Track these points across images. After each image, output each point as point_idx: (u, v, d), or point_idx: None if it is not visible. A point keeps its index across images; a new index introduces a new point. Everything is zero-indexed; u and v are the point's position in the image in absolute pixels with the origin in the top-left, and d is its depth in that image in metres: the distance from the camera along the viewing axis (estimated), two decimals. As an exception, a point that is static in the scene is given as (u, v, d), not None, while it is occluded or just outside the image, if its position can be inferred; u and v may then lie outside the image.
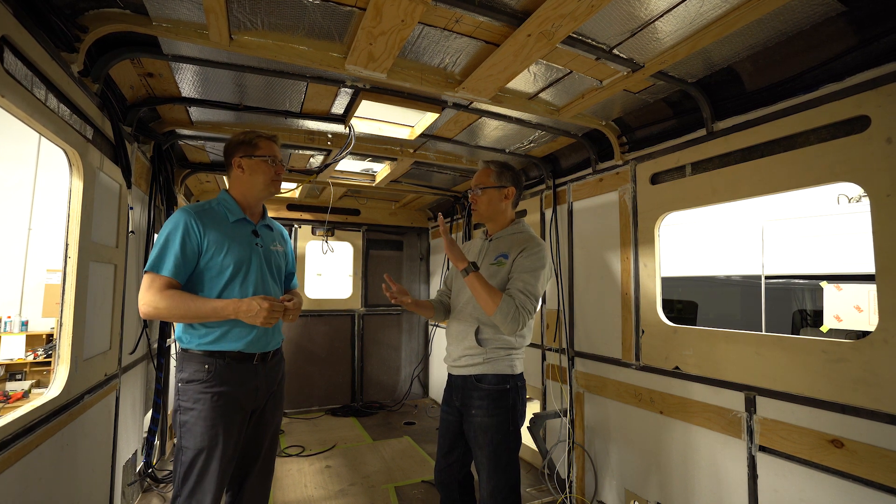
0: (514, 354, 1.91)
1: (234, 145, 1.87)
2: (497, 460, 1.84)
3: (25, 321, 7.06)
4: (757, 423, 1.90)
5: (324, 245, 4.90)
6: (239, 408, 1.76)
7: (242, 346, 1.77)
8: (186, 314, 1.65)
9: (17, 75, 1.35)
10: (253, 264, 1.82)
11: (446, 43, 1.84)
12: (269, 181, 1.88)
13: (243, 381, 1.77)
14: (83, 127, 1.80)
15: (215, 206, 1.86)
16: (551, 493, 2.95)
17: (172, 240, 1.68)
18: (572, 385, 2.97)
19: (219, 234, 1.76)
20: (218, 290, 1.75)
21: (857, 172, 1.63)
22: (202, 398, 1.69)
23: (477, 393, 1.88)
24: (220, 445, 1.68)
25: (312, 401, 4.96)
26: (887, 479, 1.50)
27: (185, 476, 1.67)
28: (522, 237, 1.97)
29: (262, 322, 1.66)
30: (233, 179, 1.90)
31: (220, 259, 1.74)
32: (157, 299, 1.63)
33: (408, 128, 2.90)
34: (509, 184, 2.01)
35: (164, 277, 1.65)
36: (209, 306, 1.66)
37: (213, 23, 1.63)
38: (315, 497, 2.92)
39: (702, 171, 2.21)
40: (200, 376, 1.71)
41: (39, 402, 1.55)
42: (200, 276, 1.74)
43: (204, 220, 1.75)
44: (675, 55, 1.82)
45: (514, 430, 1.87)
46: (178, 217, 1.73)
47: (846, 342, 1.65)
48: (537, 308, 1.85)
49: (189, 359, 1.73)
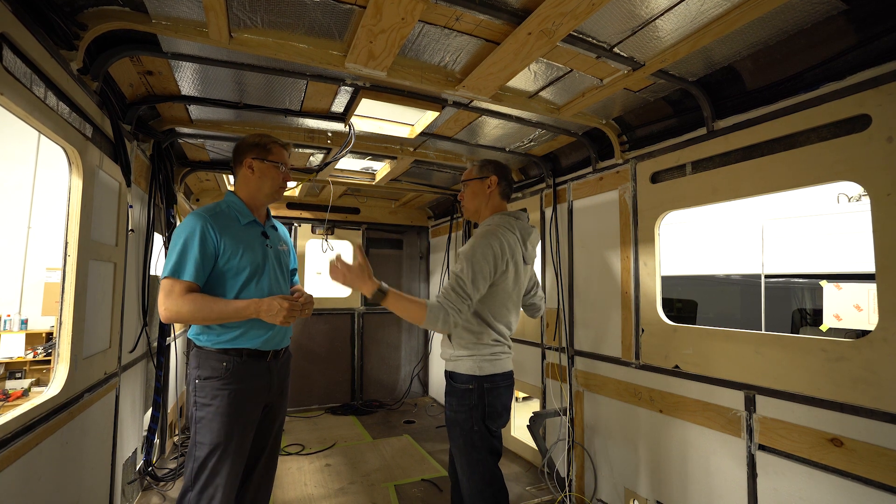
0: (481, 354, 1.89)
1: (248, 146, 1.91)
2: (465, 456, 1.89)
3: (25, 319, 7.05)
4: (756, 422, 1.90)
5: (324, 244, 4.90)
6: (255, 404, 1.83)
7: (259, 343, 1.83)
8: (209, 316, 1.69)
9: (17, 73, 1.35)
10: (267, 265, 1.88)
11: (446, 41, 1.83)
12: (276, 187, 1.93)
13: (258, 377, 1.83)
14: (82, 125, 1.79)
15: (225, 208, 1.88)
16: (551, 492, 2.95)
17: (190, 244, 1.71)
18: (572, 384, 2.97)
19: (233, 237, 1.80)
20: (236, 290, 1.79)
21: (857, 171, 1.63)
22: (220, 395, 1.74)
23: (449, 388, 1.95)
24: (234, 441, 1.74)
25: (312, 399, 4.97)
26: (886, 478, 1.50)
27: (198, 470, 1.71)
28: (480, 230, 1.94)
29: (281, 321, 1.71)
30: (240, 179, 1.93)
31: (237, 261, 1.79)
32: (179, 304, 1.66)
33: (408, 126, 2.90)
34: (490, 173, 2.02)
35: (184, 282, 1.69)
36: (231, 307, 1.71)
37: (213, 21, 1.62)
38: (315, 495, 2.92)
39: (702, 169, 2.21)
40: (218, 373, 1.76)
41: (39, 401, 1.55)
42: (220, 279, 1.79)
43: (219, 224, 1.78)
44: (675, 54, 1.82)
45: (479, 430, 1.87)
46: (194, 221, 1.75)
47: (846, 341, 1.65)
48: (474, 295, 1.77)
49: (206, 357, 1.78)
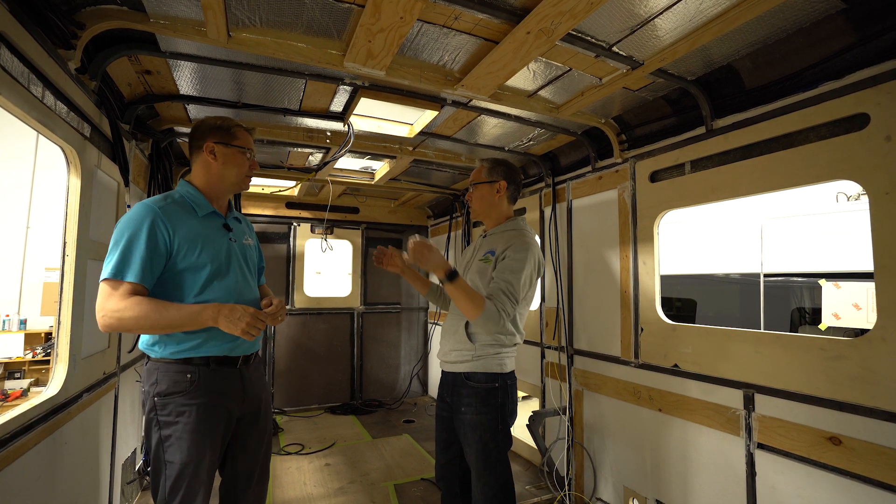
0: (503, 353, 1.90)
1: (209, 129, 1.67)
2: (486, 458, 1.84)
3: (24, 320, 7.04)
4: (755, 421, 1.91)
5: (323, 243, 4.90)
6: (226, 416, 1.61)
7: (227, 349, 1.60)
8: (157, 323, 1.43)
9: (14, 72, 1.35)
10: (232, 261, 1.66)
11: (445, 40, 1.83)
12: (242, 175, 1.71)
13: (229, 387, 1.62)
14: (81, 124, 1.79)
15: (178, 198, 1.63)
16: (550, 491, 2.95)
17: (136, 240, 1.45)
18: (571, 383, 2.97)
19: (189, 231, 1.56)
20: (196, 291, 1.56)
21: (856, 170, 1.63)
22: (186, 410, 1.52)
23: (466, 391, 1.88)
24: (207, 457, 1.55)
25: (312, 399, 4.96)
26: (884, 476, 1.50)
27: (172, 490, 1.51)
28: (512, 234, 1.95)
29: (242, 330, 1.45)
30: (199, 166, 1.68)
31: (195, 258, 1.55)
32: (122, 308, 1.40)
33: (407, 125, 2.89)
34: (500, 178, 2.01)
35: (128, 283, 1.43)
36: (184, 312, 1.45)
37: (211, 20, 1.62)
38: (314, 495, 2.92)
39: (701, 168, 2.21)
40: (182, 387, 1.53)
41: (38, 401, 1.55)
42: (176, 279, 1.54)
43: (171, 216, 1.53)
44: (674, 53, 1.82)
45: (503, 429, 1.86)
46: (142, 214, 1.49)
47: (844, 340, 1.66)
48: (517, 308, 1.85)
49: (164, 370, 1.53)
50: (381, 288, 5.43)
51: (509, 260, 1.85)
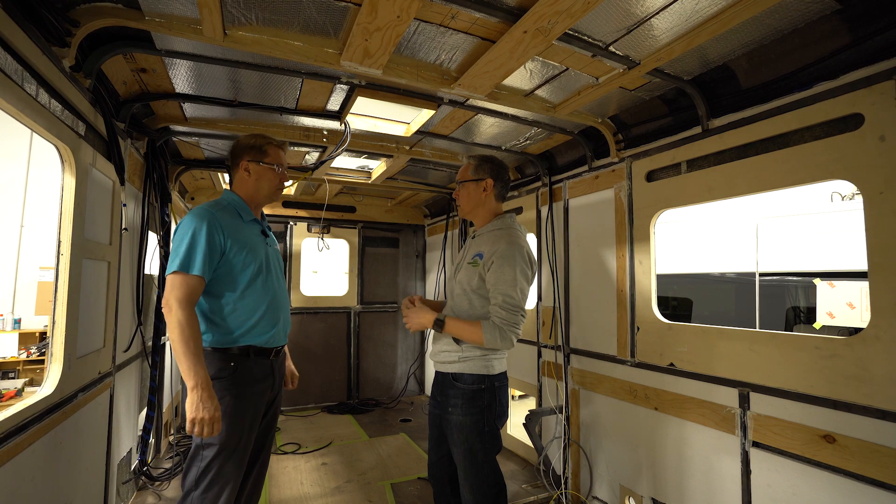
0: (490, 354, 1.88)
1: (244, 148, 1.88)
2: (472, 459, 1.84)
3: (18, 319, 6.99)
4: (750, 419, 1.92)
5: (319, 242, 4.89)
6: (260, 403, 1.81)
7: (265, 340, 1.80)
8: (181, 349, 1.56)
9: (7, 70, 1.33)
10: (271, 265, 1.87)
11: (442, 39, 1.83)
12: (273, 189, 1.92)
13: (263, 376, 1.82)
14: (75, 123, 1.77)
15: (225, 205, 1.84)
16: (546, 490, 2.96)
17: (198, 238, 1.66)
18: (568, 382, 2.98)
19: (238, 233, 1.77)
20: (241, 288, 1.76)
21: (850, 170, 1.64)
22: (227, 395, 1.69)
23: (453, 391, 1.88)
24: (242, 442, 1.72)
25: (308, 398, 4.96)
26: (878, 474, 1.52)
27: (203, 471, 1.66)
28: (499, 234, 1.90)
29: (190, 420, 1.53)
30: (237, 181, 1.91)
31: (242, 258, 1.76)
32: (187, 315, 1.58)
33: (404, 125, 2.89)
34: (486, 175, 1.97)
35: (194, 276, 1.63)
36: (193, 360, 1.56)
37: (207, 18, 1.61)
38: (311, 494, 2.92)
39: (697, 168, 2.22)
40: (225, 373, 1.71)
41: (32, 401, 1.53)
42: (228, 274, 1.74)
43: (224, 219, 1.75)
44: (670, 52, 1.82)
45: (490, 431, 1.85)
46: (201, 215, 1.71)
47: (839, 339, 1.67)
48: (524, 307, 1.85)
49: (210, 356, 1.71)
50: (378, 287, 5.43)
51: (501, 272, 1.79)
